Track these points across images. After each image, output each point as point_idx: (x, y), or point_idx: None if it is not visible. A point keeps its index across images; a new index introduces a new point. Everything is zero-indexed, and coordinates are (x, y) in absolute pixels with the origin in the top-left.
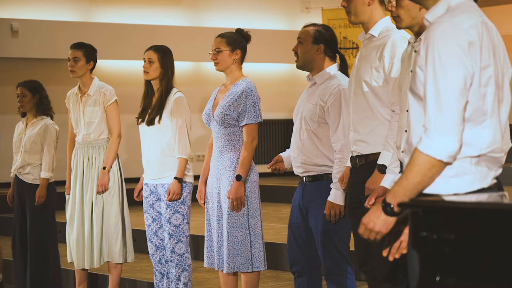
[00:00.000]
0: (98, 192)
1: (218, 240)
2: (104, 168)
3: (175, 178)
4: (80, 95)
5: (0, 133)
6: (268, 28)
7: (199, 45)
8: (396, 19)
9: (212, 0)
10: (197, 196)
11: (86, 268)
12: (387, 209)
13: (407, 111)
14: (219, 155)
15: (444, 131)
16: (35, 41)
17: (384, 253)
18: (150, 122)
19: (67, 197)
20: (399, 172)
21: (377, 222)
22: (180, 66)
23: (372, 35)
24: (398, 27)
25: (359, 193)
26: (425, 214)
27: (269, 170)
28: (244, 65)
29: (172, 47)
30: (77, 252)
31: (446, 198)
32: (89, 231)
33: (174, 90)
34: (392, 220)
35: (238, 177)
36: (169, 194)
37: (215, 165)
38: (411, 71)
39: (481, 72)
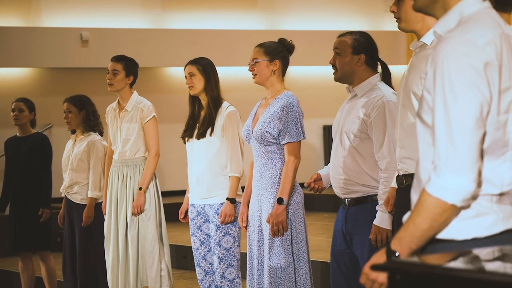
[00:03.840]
0: (133, 214)
1: (259, 268)
2: (140, 188)
3: (227, 199)
4: (118, 110)
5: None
6: (349, 29)
7: None
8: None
9: (290, 2)
10: (238, 218)
11: None
12: (391, 258)
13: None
14: (259, 175)
15: (457, 170)
16: (106, 50)
17: None
18: (201, 135)
19: (105, 217)
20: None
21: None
22: None
23: (425, 43)
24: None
25: None
26: (405, 280)
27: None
28: (326, 68)
29: (248, 52)
30: (111, 275)
31: (431, 259)
32: (124, 254)
33: (225, 104)
34: None
35: (280, 200)
36: (221, 216)
37: (256, 186)
38: None
39: (500, 96)
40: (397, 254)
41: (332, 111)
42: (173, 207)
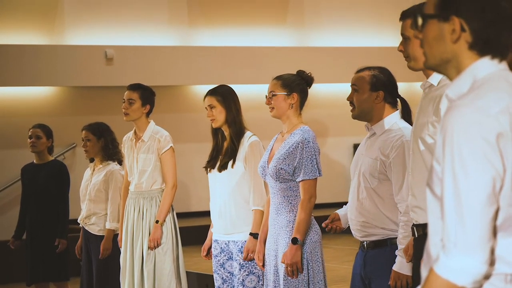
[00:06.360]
0: (149, 248)
1: None
2: (157, 221)
3: (251, 234)
4: (134, 140)
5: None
6: (381, 45)
7: (307, 66)
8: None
9: (320, 18)
10: (255, 256)
11: None
12: None
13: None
14: (275, 213)
15: (467, 250)
16: (131, 68)
17: None
18: (223, 167)
19: (121, 250)
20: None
21: None
22: None
23: (432, 84)
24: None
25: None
26: None
27: None
28: None
29: (278, 69)
30: None
31: None
32: None
33: (248, 134)
34: None
35: (294, 240)
36: (244, 252)
37: (272, 224)
38: None
39: None
40: None
41: (362, 129)
42: (198, 229)
